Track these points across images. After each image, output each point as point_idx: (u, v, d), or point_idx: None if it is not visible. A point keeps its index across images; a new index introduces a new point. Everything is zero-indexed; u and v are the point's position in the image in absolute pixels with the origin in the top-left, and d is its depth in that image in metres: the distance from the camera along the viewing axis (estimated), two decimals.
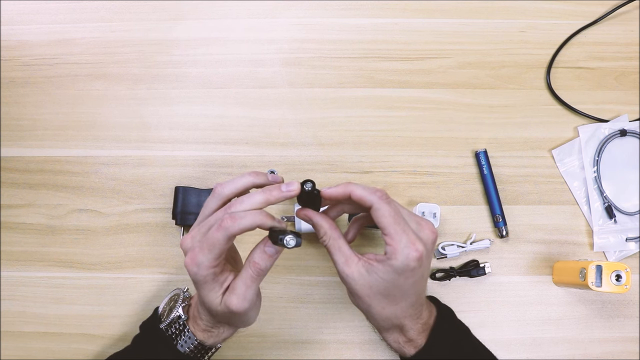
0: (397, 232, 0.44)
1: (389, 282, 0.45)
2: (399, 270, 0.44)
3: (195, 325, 0.50)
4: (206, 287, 0.45)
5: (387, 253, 0.44)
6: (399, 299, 0.46)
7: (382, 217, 0.44)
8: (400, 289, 0.46)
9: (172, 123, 0.68)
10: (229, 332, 0.51)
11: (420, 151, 0.66)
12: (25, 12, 0.71)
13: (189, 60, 0.69)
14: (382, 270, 0.45)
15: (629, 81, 0.68)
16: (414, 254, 0.44)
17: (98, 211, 0.66)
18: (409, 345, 0.49)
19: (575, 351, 0.62)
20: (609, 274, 0.55)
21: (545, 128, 0.67)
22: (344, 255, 0.46)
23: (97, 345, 0.63)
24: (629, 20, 0.69)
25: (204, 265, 0.44)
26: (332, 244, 0.47)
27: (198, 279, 0.45)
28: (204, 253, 0.44)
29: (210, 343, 0.50)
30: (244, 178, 0.47)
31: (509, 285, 0.64)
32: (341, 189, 0.46)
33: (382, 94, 0.68)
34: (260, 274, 0.45)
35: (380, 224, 0.44)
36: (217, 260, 0.44)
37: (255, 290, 0.46)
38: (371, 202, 0.44)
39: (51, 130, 0.68)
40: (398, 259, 0.44)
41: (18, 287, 0.65)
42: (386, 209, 0.44)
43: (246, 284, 0.45)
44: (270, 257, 0.45)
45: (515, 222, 0.65)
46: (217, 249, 0.43)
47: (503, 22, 0.69)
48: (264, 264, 0.45)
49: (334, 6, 0.70)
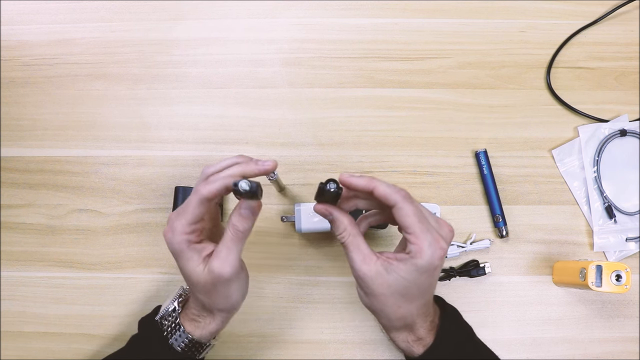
0: (422, 231, 0.44)
1: (410, 281, 0.45)
2: (422, 269, 0.44)
3: (185, 316, 0.50)
4: (183, 257, 0.46)
5: (411, 252, 0.44)
6: (415, 297, 0.46)
7: (406, 217, 0.44)
8: (420, 288, 0.46)
9: (172, 123, 0.68)
10: (215, 324, 0.50)
11: (420, 151, 0.66)
12: (25, 12, 0.71)
13: (189, 60, 0.69)
14: (403, 269, 0.44)
15: (629, 81, 0.68)
16: (439, 252, 0.44)
17: (98, 211, 0.66)
18: (417, 344, 0.49)
19: (575, 351, 0.62)
20: (609, 274, 0.55)
21: (545, 128, 0.67)
22: (362, 253, 0.46)
23: (97, 345, 0.63)
24: (629, 20, 0.69)
25: (177, 231, 0.45)
26: (351, 241, 0.46)
27: (174, 247, 0.46)
28: (179, 219, 0.45)
29: (197, 335, 0.50)
30: (229, 159, 0.48)
31: (509, 285, 0.64)
32: (365, 181, 0.45)
33: (382, 94, 0.68)
34: (240, 236, 0.45)
35: (404, 223, 0.44)
36: (191, 225, 0.45)
37: (237, 254, 0.46)
38: (395, 202, 0.44)
39: (51, 130, 0.68)
40: (423, 258, 0.43)
41: (18, 287, 0.65)
42: (410, 209, 0.44)
43: (227, 246, 0.45)
44: (247, 219, 0.45)
45: (515, 222, 0.65)
46: (190, 214, 0.45)
47: (503, 22, 0.69)
48: (241, 226, 0.45)
49: (334, 6, 0.70)
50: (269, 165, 0.47)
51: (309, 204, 0.61)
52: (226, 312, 0.50)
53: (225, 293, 0.48)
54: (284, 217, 0.64)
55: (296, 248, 0.65)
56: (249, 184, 0.42)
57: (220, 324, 0.50)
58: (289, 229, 0.65)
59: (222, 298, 0.48)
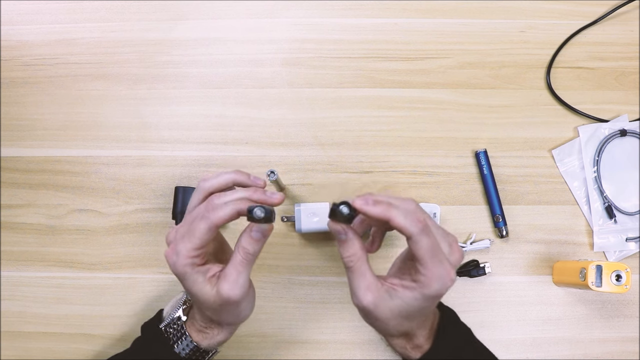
0: (434, 264, 0.43)
1: (415, 307, 0.44)
2: (429, 298, 0.43)
3: (191, 326, 0.50)
4: (188, 279, 0.45)
5: (420, 282, 0.43)
6: (417, 317, 0.46)
7: (420, 250, 0.43)
8: (423, 311, 0.45)
9: (172, 123, 0.68)
10: (223, 335, 0.50)
11: (420, 151, 0.66)
12: (25, 12, 0.71)
13: (189, 60, 0.69)
14: (409, 296, 0.44)
15: (629, 81, 0.68)
16: (448, 284, 0.43)
17: (98, 211, 0.66)
18: (415, 350, 0.49)
19: (575, 351, 0.62)
20: (609, 274, 0.55)
21: (545, 128, 0.67)
22: (367, 280, 0.44)
23: (97, 345, 0.63)
24: (629, 20, 0.69)
25: (182, 254, 0.44)
26: (359, 267, 0.45)
27: (177, 270, 0.45)
28: (184, 242, 0.44)
29: (205, 345, 0.50)
30: (227, 174, 0.48)
31: (509, 285, 0.64)
32: (381, 211, 0.43)
33: (382, 94, 0.68)
34: (249, 258, 0.45)
35: (417, 255, 0.43)
36: (196, 250, 0.44)
37: (247, 276, 0.45)
38: (411, 234, 0.42)
39: (51, 130, 0.68)
40: (432, 288, 0.43)
41: (18, 287, 0.65)
42: (425, 242, 0.42)
43: (237, 269, 0.45)
44: (257, 241, 0.45)
45: (515, 222, 0.65)
46: (198, 239, 0.44)
47: (503, 22, 0.69)
48: (251, 248, 0.45)
49: (334, 6, 0.70)
50: (276, 199, 0.46)
51: (309, 204, 0.61)
52: (235, 325, 0.51)
53: (235, 311, 0.48)
54: (284, 217, 0.64)
55: (296, 248, 0.65)
56: (264, 211, 0.42)
57: (229, 334, 0.51)
58: (289, 229, 0.65)
59: (231, 315, 0.48)
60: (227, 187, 0.48)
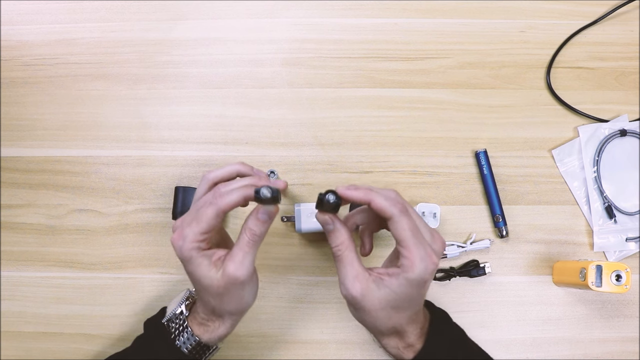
0: (415, 246, 0.44)
1: (401, 294, 0.45)
2: (414, 283, 0.44)
3: (193, 320, 0.50)
4: (193, 262, 0.46)
5: (403, 265, 0.44)
6: (405, 308, 0.46)
7: (401, 230, 0.44)
8: (410, 300, 0.46)
9: (172, 123, 0.68)
10: (224, 328, 0.50)
11: (420, 151, 0.66)
12: (25, 12, 0.71)
13: (188, 60, 0.69)
14: (395, 283, 0.44)
15: (629, 81, 0.68)
16: (431, 267, 0.44)
17: (98, 211, 0.66)
18: (407, 350, 0.49)
19: (575, 351, 0.62)
20: (609, 274, 0.55)
21: (545, 128, 0.67)
22: (355, 269, 0.45)
23: (97, 345, 0.63)
24: (629, 20, 0.69)
25: (189, 238, 0.45)
26: (347, 255, 0.46)
27: (183, 254, 0.46)
28: (190, 227, 0.45)
29: (205, 339, 0.50)
30: (231, 166, 0.50)
31: (509, 285, 0.64)
32: (362, 194, 0.45)
33: (382, 94, 0.68)
34: (256, 239, 0.46)
35: (398, 237, 0.44)
36: (203, 235, 0.45)
37: (252, 258, 0.46)
38: (391, 215, 0.44)
39: (51, 130, 0.68)
40: (415, 272, 0.43)
41: (18, 287, 0.65)
42: (405, 222, 0.44)
43: (243, 250, 0.46)
44: (264, 223, 0.46)
45: (515, 222, 0.65)
46: (205, 223, 0.45)
47: (503, 22, 0.69)
48: (258, 230, 0.46)
49: (334, 6, 0.70)
50: (281, 184, 0.48)
51: (309, 204, 0.61)
52: (236, 315, 0.51)
53: (239, 296, 0.48)
54: (284, 217, 0.64)
55: (296, 248, 0.65)
56: (271, 191, 0.44)
57: (230, 328, 0.51)
58: (289, 229, 0.65)
59: (234, 301, 0.48)
60: (232, 177, 0.50)
